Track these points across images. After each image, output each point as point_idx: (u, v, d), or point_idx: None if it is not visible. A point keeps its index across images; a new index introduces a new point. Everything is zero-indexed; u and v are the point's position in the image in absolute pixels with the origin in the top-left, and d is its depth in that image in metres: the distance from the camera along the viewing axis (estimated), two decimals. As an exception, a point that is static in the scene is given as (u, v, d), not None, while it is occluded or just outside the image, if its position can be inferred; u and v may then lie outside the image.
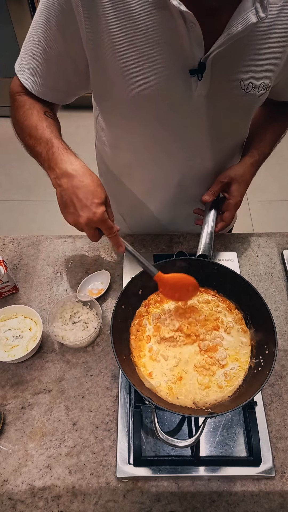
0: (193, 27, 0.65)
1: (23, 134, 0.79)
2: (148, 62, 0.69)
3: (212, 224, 0.90)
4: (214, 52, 0.68)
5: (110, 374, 0.85)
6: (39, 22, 0.71)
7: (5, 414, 0.80)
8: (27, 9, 2.42)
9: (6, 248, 1.07)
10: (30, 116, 0.78)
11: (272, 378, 0.86)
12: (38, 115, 0.78)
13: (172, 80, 0.72)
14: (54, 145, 0.73)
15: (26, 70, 0.78)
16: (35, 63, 0.76)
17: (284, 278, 1.03)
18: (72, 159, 0.71)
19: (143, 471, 0.73)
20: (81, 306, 0.92)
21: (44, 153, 0.74)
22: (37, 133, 0.76)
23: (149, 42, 0.67)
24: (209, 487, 0.73)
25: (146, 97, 0.74)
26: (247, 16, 0.63)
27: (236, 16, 0.64)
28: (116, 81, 0.73)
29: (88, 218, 0.70)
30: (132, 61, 0.69)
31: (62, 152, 0.72)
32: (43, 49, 0.74)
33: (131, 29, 0.66)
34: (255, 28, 0.68)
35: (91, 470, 0.74)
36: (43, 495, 0.72)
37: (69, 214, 0.72)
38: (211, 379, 0.75)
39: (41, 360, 0.87)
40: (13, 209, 2.51)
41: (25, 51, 0.77)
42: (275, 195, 2.62)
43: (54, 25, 0.70)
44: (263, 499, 0.72)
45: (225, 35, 0.65)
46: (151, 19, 0.65)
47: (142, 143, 0.87)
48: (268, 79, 0.75)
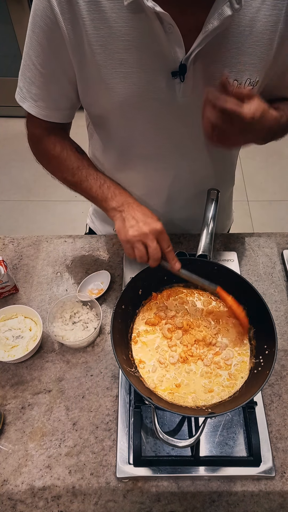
0: (171, 29, 0.64)
1: (63, 173, 0.87)
2: (128, 68, 0.70)
3: (212, 224, 0.90)
4: (195, 52, 0.67)
5: (110, 374, 0.85)
6: (31, 47, 0.72)
7: (5, 414, 0.80)
8: (27, 9, 2.42)
9: (6, 248, 1.07)
10: (68, 158, 0.86)
11: (272, 378, 0.86)
12: (75, 155, 0.86)
13: (154, 84, 0.72)
14: (107, 180, 0.85)
15: (28, 97, 0.79)
16: (35, 88, 0.77)
17: (284, 278, 1.03)
18: (128, 193, 0.85)
19: (143, 471, 0.73)
20: (81, 306, 0.92)
21: (96, 187, 0.84)
22: (81, 172, 0.85)
23: (128, 48, 0.67)
24: (209, 487, 0.73)
25: (130, 104, 0.74)
26: (222, 10, 0.62)
27: (212, 12, 0.63)
28: (99, 90, 0.74)
29: (153, 228, 0.77)
30: (113, 69, 0.70)
31: (118, 187, 0.85)
32: (39, 73, 0.75)
33: (108, 38, 0.66)
34: (235, 23, 0.67)
35: (91, 470, 0.74)
36: (43, 495, 0.72)
37: (132, 228, 0.77)
38: (215, 380, 0.75)
39: (41, 360, 0.87)
40: (13, 209, 2.51)
41: (23, 81, 0.78)
42: (275, 195, 2.62)
43: (46, 46, 0.71)
44: (263, 499, 0.72)
45: (203, 32, 0.65)
46: (128, 25, 0.65)
47: (133, 148, 0.87)
48: (254, 74, 0.73)
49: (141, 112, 0.77)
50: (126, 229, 0.78)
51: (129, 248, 0.78)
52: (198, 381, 0.75)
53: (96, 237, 1.10)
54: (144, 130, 0.81)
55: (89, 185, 0.85)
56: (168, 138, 0.83)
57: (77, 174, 0.85)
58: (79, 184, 0.86)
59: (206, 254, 0.85)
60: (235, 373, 0.76)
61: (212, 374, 0.76)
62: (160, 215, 1.05)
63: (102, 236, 1.10)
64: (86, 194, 0.87)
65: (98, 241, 1.09)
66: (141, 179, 0.95)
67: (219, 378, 0.76)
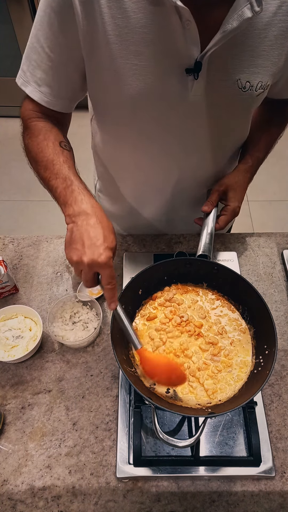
0: (189, 25, 0.64)
1: (37, 165, 0.78)
2: (143, 61, 0.69)
3: (212, 224, 0.90)
4: (211, 51, 0.67)
5: (110, 374, 0.85)
6: (40, 29, 0.71)
7: (5, 414, 0.80)
8: (27, 9, 2.42)
9: (6, 248, 1.07)
10: (45, 148, 0.77)
11: (272, 378, 0.86)
12: (54, 148, 0.77)
13: (167, 80, 0.72)
14: (74, 183, 0.72)
15: (32, 81, 0.77)
16: (40, 72, 0.75)
17: (284, 278, 1.03)
18: (92, 201, 0.71)
19: (143, 471, 0.73)
20: (81, 306, 0.92)
21: (60, 189, 0.73)
22: (53, 168, 0.75)
23: (144, 40, 0.67)
24: (209, 487, 0.73)
25: (141, 97, 0.74)
26: (242, 12, 0.63)
27: (231, 12, 0.63)
28: (110, 82, 0.73)
29: (93, 259, 0.64)
30: (127, 61, 0.69)
31: (83, 192, 0.71)
32: (47, 56, 0.73)
33: (125, 28, 0.66)
34: (251, 25, 0.67)
35: (91, 470, 0.74)
36: (43, 495, 0.72)
37: (74, 250, 0.67)
38: (215, 380, 0.75)
39: (41, 360, 0.87)
40: (13, 209, 2.51)
41: (28, 64, 0.76)
42: (275, 195, 2.62)
43: (56, 29, 0.69)
44: (263, 499, 0.72)
45: (221, 32, 0.65)
46: (146, 17, 0.65)
47: (138, 144, 0.86)
48: (266, 78, 0.75)
49: (151, 107, 0.76)
50: (69, 249, 0.68)
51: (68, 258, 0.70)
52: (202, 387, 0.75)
53: (96, 237, 1.10)
54: (152, 127, 0.81)
55: (55, 184, 0.74)
56: (175, 136, 0.83)
57: (49, 168, 0.75)
58: (47, 180, 0.76)
59: (206, 254, 0.85)
60: (235, 373, 0.76)
61: (212, 372, 0.76)
62: (162, 213, 1.06)
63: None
64: (52, 194, 0.77)
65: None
66: (145, 176, 0.95)
67: (219, 378, 0.75)
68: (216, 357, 0.77)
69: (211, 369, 0.76)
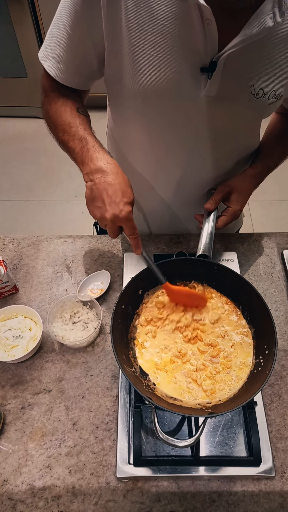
0: (209, 24, 0.64)
1: (56, 130, 0.82)
2: (160, 53, 0.69)
3: (212, 224, 0.90)
4: (227, 52, 0.67)
5: (110, 374, 0.85)
6: (65, 7, 0.72)
7: (5, 414, 0.80)
8: (27, 9, 2.42)
9: (6, 248, 1.07)
10: (63, 113, 0.81)
11: (272, 378, 0.86)
12: (71, 112, 0.81)
13: (181, 75, 0.72)
14: (89, 142, 0.76)
15: (51, 57, 0.79)
16: (60, 49, 0.77)
17: (284, 278, 1.03)
18: (107, 158, 0.74)
19: (143, 471, 0.73)
20: (81, 306, 0.92)
21: (78, 149, 0.77)
22: (70, 130, 0.79)
23: (163, 33, 0.67)
24: (209, 487, 0.73)
25: (153, 90, 0.74)
26: (264, 20, 0.63)
27: (254, 19, 0.64)
28: (126, 70, 0.73)
29: (115, 215, 0.72)
30: (144, 50, 0.69)
31: (97, 150, 0.75)
32: (67, 34, 0.74)
33: (146, 18, 0.66)
34: (272, 34, 0.67)
35: (91, 470, 0.74)
36: (43, 495, 0.72)
37: (96, 208, 0.74)
38: (215, 380, 0.75)
39: (41, 360, 0.87)
40: (13, 209, 2.51)
41: (50, 39, 0.78)
42: (275, 195, 2.62)
43: (79, 9, 0.70)
44: (263, 499, 0.72)
45: (240, 36, 0.65)
46: (168, 10, 0.65)
47: (144, 138, 0.87)
48: (280, 88, 0.74)
49: (161, 100, 0.76)
50: (91, 207, 0.75)
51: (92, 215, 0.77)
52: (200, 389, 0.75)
53: (96, 237, 1.10)
54: (161, 119, 0.81)
55: (73, 146, 0.78)
56: (180, 133, 0.83)
57: (67, 131, 0.80)
58: (66, 143, 0.80)
59: (206, 254, 0.85)
60: (235, 373, 0.76)
61: (212, 373, 0.76)
62: (167, 207, 1.05)
63: (102, 236, 1.10)
64: (70, 156, 0.81)
65: (98, 241, 1.09)
66: (148, 171, 0.95)
67: (220, 378, 0.75)
68: (215, 359, 0.77)
69: (209, 370, 0.76)
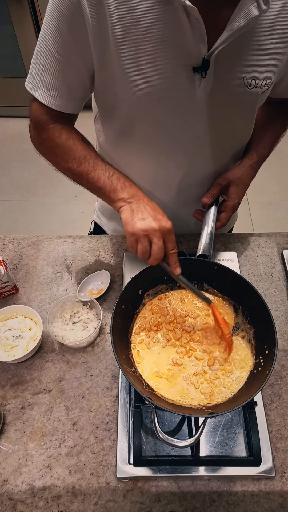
0: (197, 24, 0.64)
1: (67, 163, 0.84)
2: (151, 61, 0.69)
3: (212, 224, 0.90)
4: (218, 49, 0.68)
5: (110, 374, 0.85)
6: (48, 33, 0.71)
7: (5, 414, 0.80)
8: (27, 9, 2.42)
9: (6, 248, 1.07)
10: (73, 146, 0.83)
11: (272, 378, 0.86)
12: (80, 144, 0.84)
13: (175, 79, 0.72)
14: (115, 172, 0.83)
15: (41, 86, 0.77)
16: (49, 76, 0.75)
17: (284, 278, 1.03)
18: (136, 187, 0.82)
19: (143, 471, 0.73)
20: (81, 306, 0.92)
21: (104, 178, 0.82)
22: (89, 162, 0.83)
23: (152, 40, 0.67)
24: (209, 487, 0.73)
25: (149, 97, 0.74)
26: (249, 10, 0.63)
27: (238, 11, 0.64)
28: (119, 82, 0.73)
29: (162, 225, 0.75)
30: (135, 61, 0.69)
31: (126, 179, 0.83)
32: (56, 60, 0.73)
33: (134, 29, 0.66)
34: (257, 23, 0.67)
35: (91, 470, 0.74)
36: (43, 495, 0.72)
37: (140, 220, 0.75)
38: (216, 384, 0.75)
39: (41, 360, 0.87)
40: (13, 209, 2.51)
41: (37, 68, 0.76)
42: (275, 195, 2.63)
43: (65, 32, 0.69)
44: (263, 499, 0.72)
45: (228, 30, 0.65)
46: (154, 17, 0.65)
47: (143, 143, 0.86)
48: (270, 75, 0.75)
49: (158, 106, 0.77)
50: (134, 221, 0.75)
51: (133, 242, 0.76)
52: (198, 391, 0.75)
53: (96, 237, 1.10)
54: (159, 125, 0.81)
55: (96, 176, 0.82)
56: (180, 134, 0.83)
57: (83, 163, 0.82)
58: (85, 174, 0.83)
59: (206, 254, 0.85)
60: (235, 376, 0.76)
61: (211, 377, 0.76)
62: (167, 208, 1.04)
63: (102, 236, 1.10)
64: (92, 185, 0.84)
65: (98, 241, 1.09)
66: (148, 175, 0.95)
67: (219, 382, 0.75)
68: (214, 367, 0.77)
69: (208, 376, 0.76)
